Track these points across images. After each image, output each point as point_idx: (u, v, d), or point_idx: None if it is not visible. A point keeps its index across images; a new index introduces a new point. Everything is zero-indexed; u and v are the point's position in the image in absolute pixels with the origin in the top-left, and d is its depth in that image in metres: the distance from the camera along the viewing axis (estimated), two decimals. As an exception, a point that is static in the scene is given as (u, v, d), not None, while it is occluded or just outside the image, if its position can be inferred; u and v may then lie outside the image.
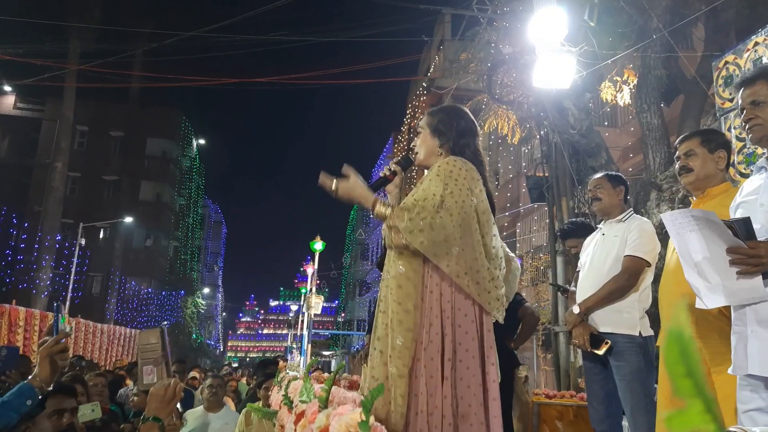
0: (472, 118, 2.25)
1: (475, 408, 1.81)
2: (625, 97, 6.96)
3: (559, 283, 6.53)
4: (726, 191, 2.28)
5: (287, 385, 2.04)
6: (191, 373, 7.45)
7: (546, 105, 6.84)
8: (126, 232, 29.62)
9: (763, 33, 3.76)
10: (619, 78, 6.94)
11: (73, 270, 20.16)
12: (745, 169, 3.65)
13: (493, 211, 2.09)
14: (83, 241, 21.24)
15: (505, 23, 7.64)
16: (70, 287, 19.76)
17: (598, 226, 3.24)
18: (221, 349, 58.96)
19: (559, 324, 6.62)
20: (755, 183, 1.87)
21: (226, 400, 5.80)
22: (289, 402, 1.80)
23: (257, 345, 79.01)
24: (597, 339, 2.86)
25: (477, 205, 1.96)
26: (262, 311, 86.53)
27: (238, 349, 77.64)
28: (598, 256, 3.03)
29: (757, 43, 3.80)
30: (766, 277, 1.64)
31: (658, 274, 2.69)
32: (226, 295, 62.25)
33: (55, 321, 2.01)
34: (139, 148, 32.31)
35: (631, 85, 6.86)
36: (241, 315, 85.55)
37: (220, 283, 55.46)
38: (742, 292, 1.67)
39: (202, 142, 40.62)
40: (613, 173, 3.29)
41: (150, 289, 30.49)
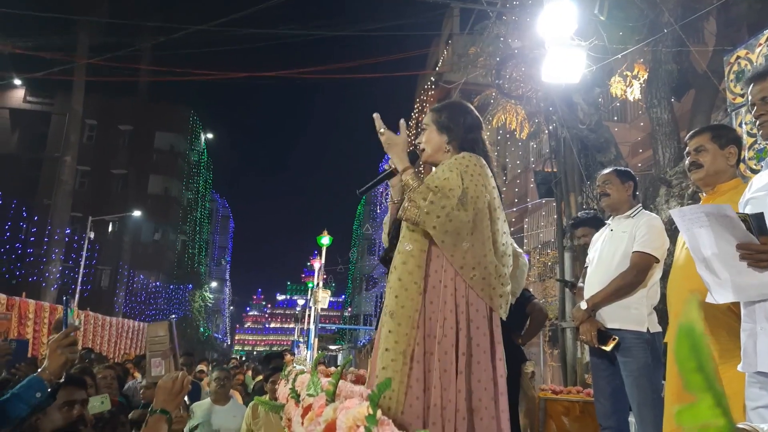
0: (477, 113, 2.25)
1: (485, 402, 1.83)
2: (635, 92, 6.92)
3: (567, 278, 6.51)
4: (736, 187, 2.26)
5: (294, 379, 2.04)
6: (199, 366, 7.49)
7: (555, 100, 6.80)
8: (134, 226, 29.78)
9: (775, 27, 3.72)
10: (629, 73, 6.89)
11: (82, 263, 20.30)
12: (755, 165, 3.62)
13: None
14: (92, 235, 21.42)
15: (515, 17, 7.59)
16: (80, 280, 19.91)
17: (607, 222, 3.23)
18: (229, 343, 59.23)
19: (566, 320, 6.61)
20: (765, 179, 1.84)
21: (234, 393, 5.84)
22: (296, 395, 1.80)
23: (264, 339, 79.49)
24: (604, 335, 2.86)
25: (490, 201, 1.99)
26: (269, 305, 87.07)
27: (246, 342, 78.15)
28: (607, 252, 3.02)
29: (769, 38, 3.76)
30: None
31: (666, 270, 2.67)
32: (233, 289, 62.59)
33: (65, 315, 2.03)
34: (147, 142, 32.44)
35: (642, 80, 6.81)
36: (248, 309, 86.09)
37: (228, 277, 55.66)
38: (752, 289, 1.65)
39: (210, 136, 40.71)
40: (622, 169, 3.27)
41: (158, 283, 30.67)
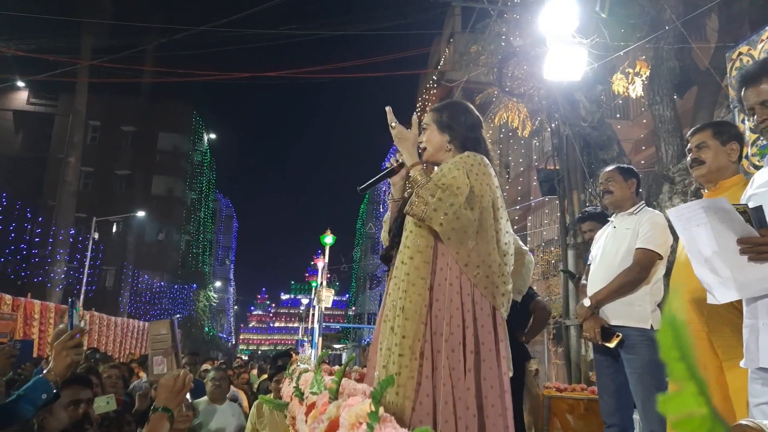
0: (477, 112, 2.26)
1: (492, 400, 1.84)
2: (637, 89, 6.90)
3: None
4: (738, 183, 2.26)
5: (298, 377, 2.05)
6: (204, 366, 7.52)
7: (557, 97, 6.79)
8: (138, 226, 29.86)
9: (777, 23, 3.71)
10: (631, 70, 6.87)
11: (86, 264, 20.35)
12: (758, 161, 3.61)
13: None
14: (96, 235, 21.46)
15: (516, 15, 7.58)
16: (84, 281, 19.96)
17: (610, 219, 3.23)
18: (233, 342, 59.38)
19: (570, 317, 6.60)
20: (767, 175, 1.84)
21: (240, 393, 5.85)
22: (299, 394, 1.81)
23: (269, 338, 79.66)
24: (608, 332, 2.86)
25: (494, 200, 2.01)
26: (273, 305, 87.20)
27: (250, 342, 78.31)
28: (610, 249, 3.02)
29: (771, 34, 3.75)
30: None
31: (669, 267, 2.67)
32: (237, 289, 62.71)
33: (70, 316, 2.04)
34: (150, 142, 32.54)
35: (644, 77, 6.79)
36: (252, 308, 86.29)
37: (232, 276, 55.77)
38: (755, 284, 1.65)
39: (212, 136, 40.82)
40: (624, 166, 3.26)
41: (162, 283, 30.74)
